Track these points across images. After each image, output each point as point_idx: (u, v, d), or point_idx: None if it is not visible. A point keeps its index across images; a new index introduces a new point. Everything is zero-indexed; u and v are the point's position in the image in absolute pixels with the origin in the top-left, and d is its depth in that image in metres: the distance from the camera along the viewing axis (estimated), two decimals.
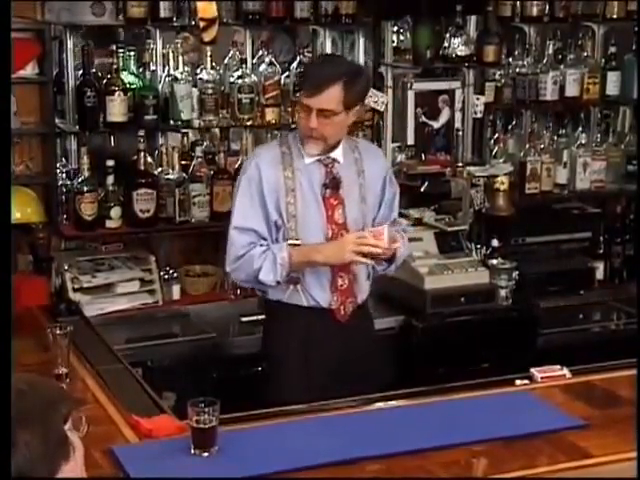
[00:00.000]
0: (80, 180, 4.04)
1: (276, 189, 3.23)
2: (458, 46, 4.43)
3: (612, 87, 4.86)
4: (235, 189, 3.35)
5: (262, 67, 4.31)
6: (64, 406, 1.77)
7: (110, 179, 4.07)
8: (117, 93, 4.01)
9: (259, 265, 3.19)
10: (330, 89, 3.14)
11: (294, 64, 4.37)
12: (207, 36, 3.99)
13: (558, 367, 3.09)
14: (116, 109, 4.02)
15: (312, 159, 3.26)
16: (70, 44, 4.12)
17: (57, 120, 4.10)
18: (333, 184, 3.28)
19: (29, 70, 3.99)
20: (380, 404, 2.94)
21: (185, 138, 4.36)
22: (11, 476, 1.64)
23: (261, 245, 3.22)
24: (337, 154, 3.30)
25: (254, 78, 4.25)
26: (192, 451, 2.48)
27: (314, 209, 3.26)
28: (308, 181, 3.26)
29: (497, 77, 4.74)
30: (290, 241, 3.22)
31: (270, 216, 3.24)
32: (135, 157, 4.12)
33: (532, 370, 3.06)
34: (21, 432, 1.67)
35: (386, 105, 4.43)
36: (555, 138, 4.85)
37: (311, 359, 3.31)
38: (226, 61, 4.32)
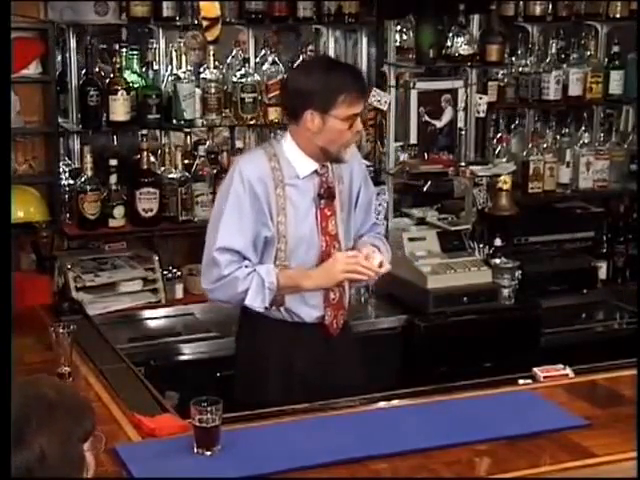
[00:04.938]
0: (83, 179, 4.04)
1: (269, 207, 3.03)
2: (461, 45, 4.43)
3: (615, 86, 4.86)
4: (218, 204, 3.10)
5: (265, 66, 4.31)
6: (88, 423, 1.75)
7: (113, 178, 4.07)
8: (120, 92, 4.01)
9: (244, 288, 3.02)
10: None
11: (297, 63, 4.36)
12: (210, 35, 4.00)
13: (561, 366, 3.09)
14: (119, 108, 4.02)
15: (309, 171, 3.08)
16: (73, 43, 4.12)
17: (60, 119, 4.10)
18: (328, 194, 3.11)
19: (32, 69, 3.99)
20: (383, 403, 2.94)
21: (188, 137, 4.36)
22: (11, 476, 1.63)
23: (246, 266, 3.02)
24: (328, 162, 3.13)
25: (257, 77, 4.25)
26: (195, 450, 2.48)
27: (307, 225, 3.09)
28: (301, 196, 3.08)
29: (500, 76, 4.74)
30: (278, 263, 3.06)
31: (261, 233, 3.04)
32: (138, 156, 4.12)
33: (535, 369, 3.06)
34: (38, 435, 1.64)
35: (389, 104, 4.42)
36: (558, 137, 4.84)
37: (294, 375, 3.15)
38: (229, 60, 4.33)
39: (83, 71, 4.11)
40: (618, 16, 4.85)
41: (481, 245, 4.45)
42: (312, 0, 4.36)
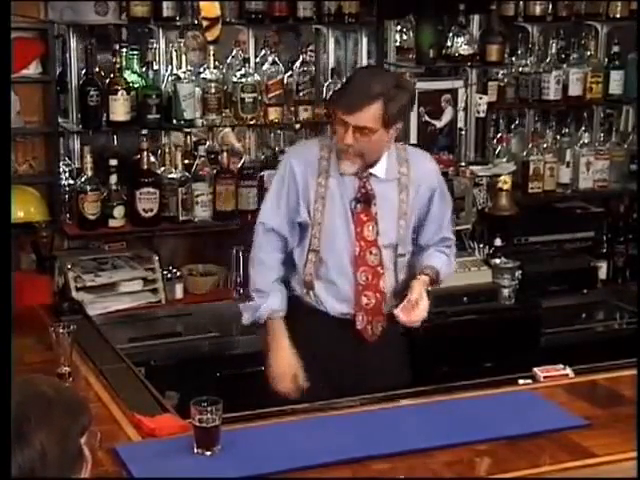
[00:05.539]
0: (83, 179, 4.04)
1: (306, 193, 3.12)
2: (461, 45, 4.43)
3: (615, 86, 4.86)
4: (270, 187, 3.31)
5: (265, 66, 4.31)
6: (84, 419, 1.77)
7: (113, 178, 4.07)
8: (120, 92, 4.01)
9: (254, 288, 3.22)
10: (370, 107, 2.96)
11: (297, 63, 4.37)
12: (210, 35, 4.00)
13: (561, 366, 3.10)
14: (119, 108, 4.02)
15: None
16: (73, 43, 4.12)
17: (60, 119, 4.10)
18: (365, 199, 3.12)
19: (32, 69, 3.99)
20: (383, 403, 2.94)
21: (188, 137, 4.36)
22: (11, 475, 1.64)
23: (278, 278, 3.19)
24: (377, 169, 3.12)
25: (257, 77, 4.25)
26: (195, 450, 2.48)
27: (342, 222, 3.13)
28: (340, 192, 3.13)
29: (500, 76, 4.75)
30: (311, 248, 3.14)
31: (295, 218, 3.15)
32: (138, 156, 4.12)
33: (535, 369, 3.06)
34: (39, 432, 1.66)
35: None
36: (558, 137, 4.85)
37: (322, 367, 3.16)
38: (229, 60, 4.33)
39: (83, 71, 4.11)
40: (618, 16, 4.85)
41: (481, 245, 4.46)
42: (312, 0, 4.36)
